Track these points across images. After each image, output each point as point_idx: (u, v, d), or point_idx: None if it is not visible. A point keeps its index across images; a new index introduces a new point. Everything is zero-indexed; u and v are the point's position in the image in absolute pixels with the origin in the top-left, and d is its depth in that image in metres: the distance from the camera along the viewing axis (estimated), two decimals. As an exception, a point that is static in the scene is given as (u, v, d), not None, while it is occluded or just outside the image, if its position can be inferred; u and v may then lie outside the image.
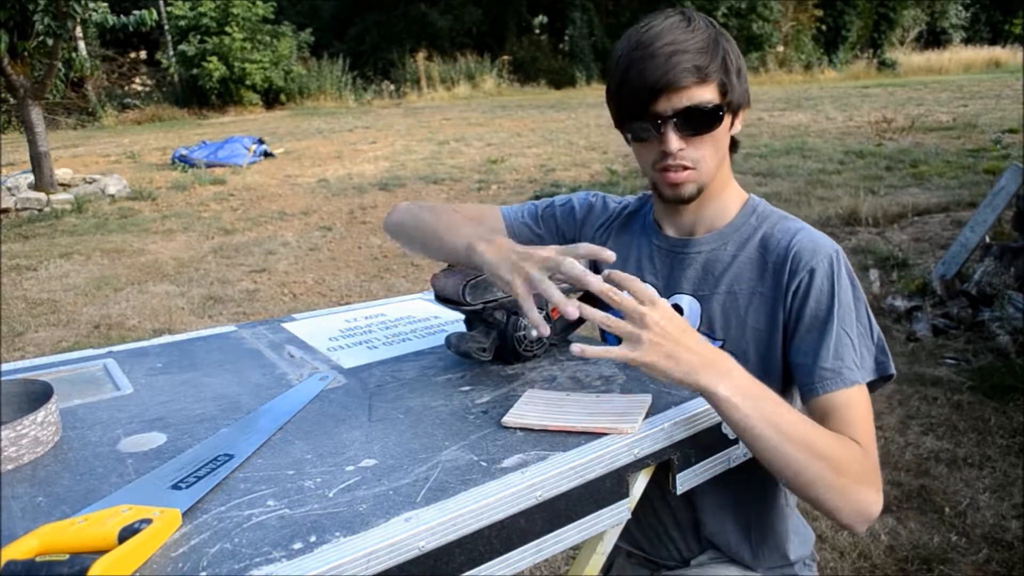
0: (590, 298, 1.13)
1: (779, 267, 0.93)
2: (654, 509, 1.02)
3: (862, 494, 0.80)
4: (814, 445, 0.79)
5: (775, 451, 0.77)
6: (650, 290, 0.76)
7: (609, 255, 0.78)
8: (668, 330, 0.75)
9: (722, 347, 0.95)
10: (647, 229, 1.05)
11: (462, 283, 0.92)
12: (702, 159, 0.92)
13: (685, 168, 0.92)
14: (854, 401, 0.86)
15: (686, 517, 1.02)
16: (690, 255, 0.99)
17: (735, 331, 0.95)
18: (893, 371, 0.91)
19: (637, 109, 0.89)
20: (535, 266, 0.79)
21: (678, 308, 0.99)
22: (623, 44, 0.91)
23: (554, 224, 1.12)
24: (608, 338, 1.08)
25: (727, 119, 0.92)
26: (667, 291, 1.00)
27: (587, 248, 0.79)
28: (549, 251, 0.80)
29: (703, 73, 0.87)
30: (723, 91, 0.89)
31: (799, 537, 1.04)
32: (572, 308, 0.75)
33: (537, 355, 0.98)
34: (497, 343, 0.94)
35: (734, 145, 0.99)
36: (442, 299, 0.96)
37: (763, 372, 0.90)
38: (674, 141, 0.89)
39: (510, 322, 0.93)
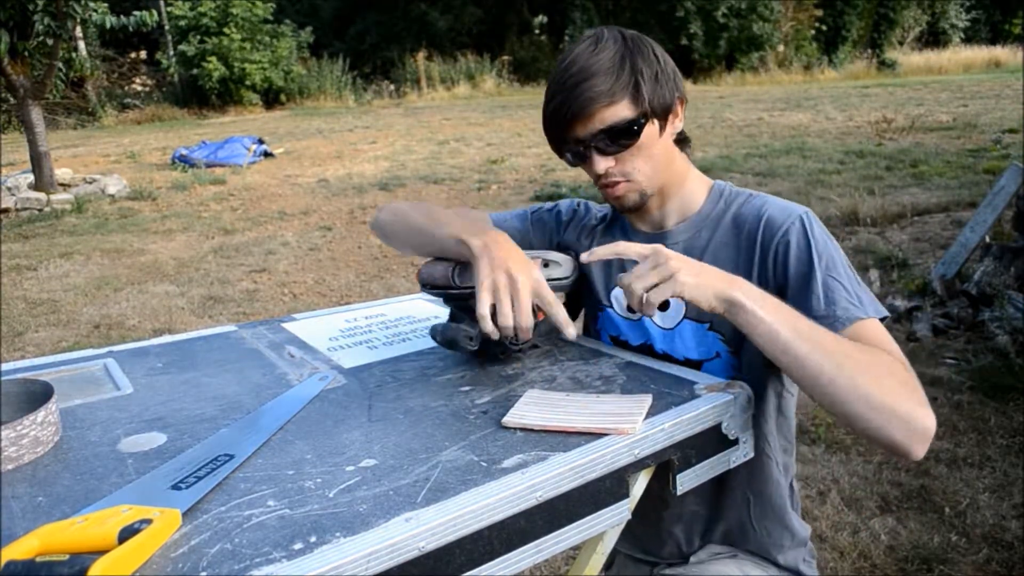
0: (569, 303, 1.14)
1: (752, 239, 0.95)
2: (652, 505, 1.02)
3: (909, 406, 0.74)
4: (846, 353, 0.77)
5: (805, 360, 0.76)
6: (637, 244, 0.84)
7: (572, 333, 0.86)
8: (681, 256, 0.82)
9: (708, 329, 0.97)
10: (624, 229, 1.08)
11: (451, 266, 0.92)
12: (634, 170, 0.95)
13: (619, 182, 0.96)
14: (866, 335, 0.83)
15: (684, 513, 1.02)
16: (667, 246, 1.00)
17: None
18: (886, 312, 0.91)
19: (560, 138, 0.95)
20: (506, 284, 0.84)
21: (664, 301, 1.00)
22: (549, 77, 0.96)
23: (542, 226, 1.15)
24: (603, 335, 1.09)
25: (651, 126, 0.93)
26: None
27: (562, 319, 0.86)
28: (527, 292, 0.84)
29: (609, 95, 0.90)
30: (637, 102, 0.91)
31: (797, 534, 1.05)
32: (572, 330, 0.85)
33: (523, 350, 0.98)
34: (484, 335, 0.93)
35: (684, 141, 1.01)
36: (430, 286, 0.96)
37: (748, 346, 0.93)
38: (600, 163, 0.94)
39: (497, 313, 0.93)
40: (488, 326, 0.83)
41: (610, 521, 0.72)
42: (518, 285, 0.83)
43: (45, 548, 0.54)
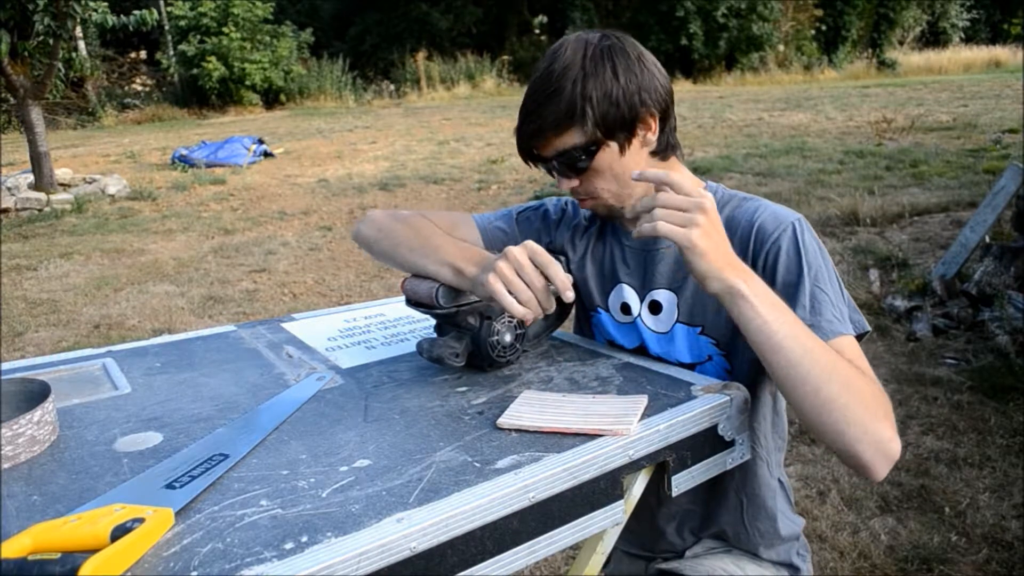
0: (560, 304, 1.12)
1: (744, 244, 0.94)
2: (646, 503, 1.02)
3: (882, 427, 0.76)
4: (834, 364, 0.77)
5: (795, 365, 0.76)
6: (687, 183, 0.80)
7: (571, 295, 0.84)
8: (717, 224, 0.79)
9: (700, 333, 0.97)
10: (616, 231, 1.07)
11: (435, 286, 0.91)
12: (597, 189, 0.96)
13: (585, 200, 0.98)
14: (844, 352, 0.84)
15: (678, 512, 1.03)
16: (660, 251, 1.01)
17: (711, 316, 0.96)
18: (868, 327, 0.92)
19: (530, 156, 0.97)
20: (507, 265, 0.82)
21: (657, 304, 1.00)
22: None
23: (529, 227, 1.13)
24: (598, 337, 1.09)
25: (607, 149, 0.92)
26: (643, 288, 1.02)
27: (563, 280, 0.83)
28: (525, 259, 0.83)
29: (554, 125, 0.91)
30: (584, 130, 0.90)
31: (789, 530, 1.05)
32: (570, 293, 0.83)
33: (511, 361, 0.96)
34: (470, 348, 0.92)
35: (668, 149, 0.98)
36: (414, 303, 0.95)
37: (739, 350, 0.93)
38: (563, 182, 0.96)
39: (483, 327, 0.92)
40: (519, 311, 0.81)
41: (605, 522, 0.72)
42: (515, 256, 0.82)
43: (37, 547, 0.54)
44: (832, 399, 0.76)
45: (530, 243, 0.84)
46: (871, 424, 0.76)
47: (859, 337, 0.90)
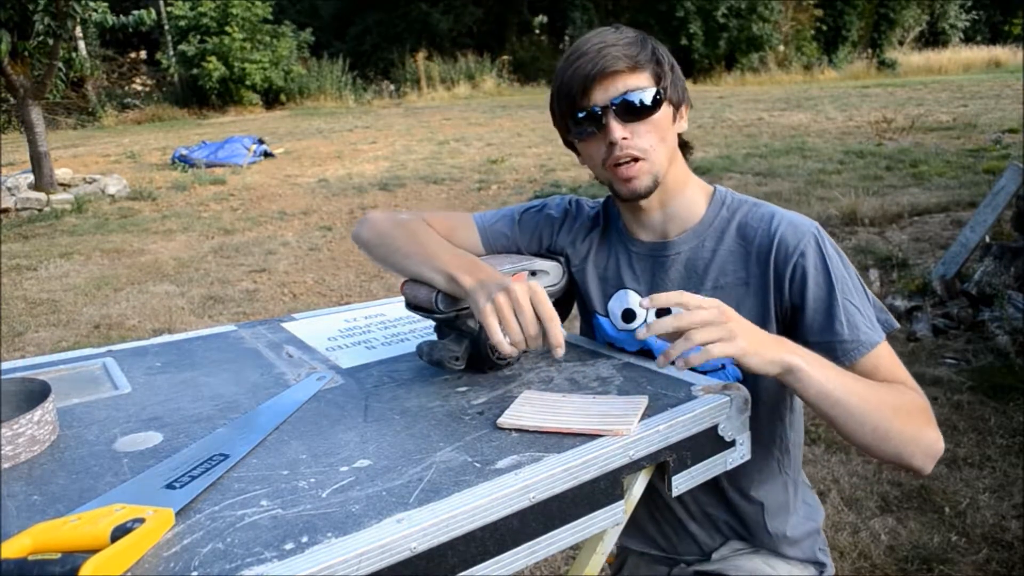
0: (561, 303, 1.11)
1: (764, 255, 0.94)
2: (668, 505, 1.02)
3: (929, 435, 0.85)
4: (881, 398, 0.84)
5: (853, 414, 0.82)
6: (699, 297, 0.80)
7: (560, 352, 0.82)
8: (740, 317, 0.80)
9: None
10: (622, 236, 1.05)
11: (434, 291, 0.91)
12: (650, 148, 0.92)
13: (635, 159, 0.92)
14: (882, 359, 0.90)
15: (702, 511, 1.02)
16: (669, 257, 0.99)
17: None
18: (897, 323, 0.95)
19: (576, 104, 0.92)
20: (506, 301, 0.81)
21: (667, 310, 0.99)
22: (560, 59, 0.96)
23: (530, 229, 1.11)
24: (598, 339, 1.08)
25: (667, 108, 0.93)
26: (650, 294, 1.00)
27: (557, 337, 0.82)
28: (526, 300, 0.81)
29: (634, 60, 0.90)
30: (657, 79, 0.92)
31: (809, 527, 1.05)
32: (560, 351, 0.81)
33: (511, 364, 0.96)
34: (470, 351, 0.92)
35: (686, 146, 1.00)
36: (413, 307, 0.95)
37: None
38: (617, 129, 0.90)
39: (483, 330, 0.92)
40: (507, 349, 0.81)
41: (605, 522, 0.72)
42: (516, 295, 0.81)
43: (38, 547, 0.54)
44: (887, 430, 0.83)
45: (537, 288, 0.83)
46: (920, 437, 0.85)
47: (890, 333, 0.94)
